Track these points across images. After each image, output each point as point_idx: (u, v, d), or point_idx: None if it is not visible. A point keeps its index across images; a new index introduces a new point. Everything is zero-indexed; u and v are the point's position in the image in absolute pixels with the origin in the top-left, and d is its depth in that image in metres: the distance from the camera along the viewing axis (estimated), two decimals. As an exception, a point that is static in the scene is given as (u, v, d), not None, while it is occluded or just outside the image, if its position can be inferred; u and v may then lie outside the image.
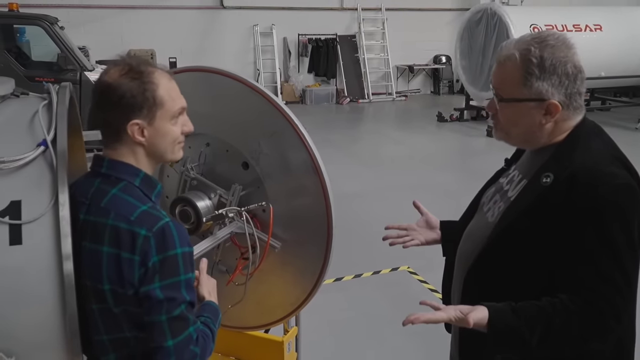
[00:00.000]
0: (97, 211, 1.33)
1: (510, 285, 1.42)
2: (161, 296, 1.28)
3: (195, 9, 11.90)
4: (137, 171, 1.39)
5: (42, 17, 7.67)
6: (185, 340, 1.31)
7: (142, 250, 1.27)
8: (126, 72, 1.35)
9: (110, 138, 1.38)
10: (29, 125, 1.40)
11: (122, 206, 1.32)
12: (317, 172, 2.08)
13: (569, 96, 1.38)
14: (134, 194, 1.35)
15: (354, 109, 12.59)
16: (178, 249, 1.30)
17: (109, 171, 1.37)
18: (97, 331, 1.36)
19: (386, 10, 13.22)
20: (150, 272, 1.28)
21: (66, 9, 10.36)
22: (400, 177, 7.09)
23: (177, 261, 1.30)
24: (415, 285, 4.22)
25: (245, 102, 2.16)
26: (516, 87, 1.40)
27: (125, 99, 1.33)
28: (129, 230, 1.29)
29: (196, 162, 2.31)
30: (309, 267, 2.24)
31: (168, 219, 1.33)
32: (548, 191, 1.37)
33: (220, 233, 2.15)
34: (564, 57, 1.36)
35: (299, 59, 12.99)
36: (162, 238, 1.29)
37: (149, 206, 1.34)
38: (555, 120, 1.41)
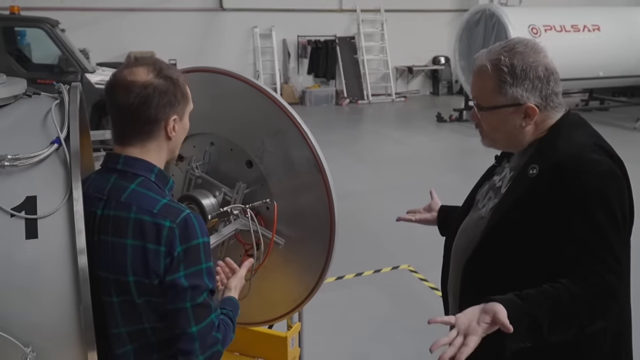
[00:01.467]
0: (117, 206, 1.38)
1: (508, 277, 1.46)
2: (186, 284, 1.33)
3: (195, 11, 11.96)
4: (152, 167, 1.44)
5: (44, 19, 7.73)
6: (208, 326, 1.37)
7: (168, 241, 1.33)
8: (159, 72, 1.41)
9: (139, 136, 1.43)
10: (42, 124, 1.44)
11: (144, 200, 1.37)
12: (320, 170, 2.12)
13: (545, 97, 1.44)
14: (153, 189, 1.41)
15: (353, 110, 12.65)
16: (200, 238, 1.37)
17: (126, 167, 1.42)
18: (115, 324, 1.40)
19: (385, 12, 13.29)
20: (176, 261, 1.33)
21: (67, 11, 10.41)
22: (400, 176, 7.14)
23: (199, 250, 1.36)
24: (415, 283, 4.27)
25: (248, 101, 2.20)
26: (493, 96, 1.46)
27: (167, 97, 1.40)
28: (154, 222, 1.34)
29: (201, 160, 2.35)
30: (312, 264, 2.28)
31: (189, 211, 1.39)
32: (535, 182, 1.42)
33: (225, 230, 2.19)
34: (534, 62, 1.42)
35: (299, 61, 13.06)
36: (185, 229, 1.35)
37: (168, 199, 1.40)
38: (535, 122, 1.47)
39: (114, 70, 1.54)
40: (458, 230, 1.71)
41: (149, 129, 1.42)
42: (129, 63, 1.44)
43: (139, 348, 1.42)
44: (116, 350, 1.42)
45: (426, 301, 3.99)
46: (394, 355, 3.37)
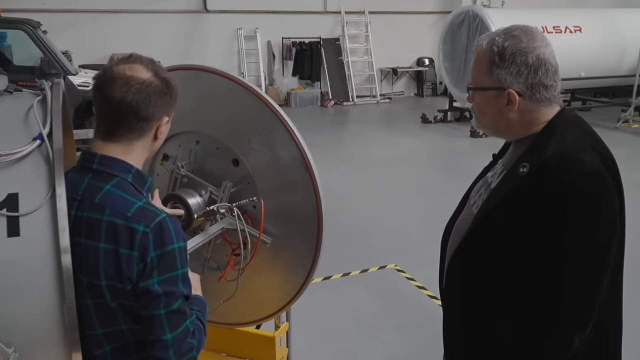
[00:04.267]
0: (91, 207, 1.34)
1: (491, 275, 1.45)
2: (160, 290, 1.30)
3: (179, 13, 11.89)
4: (130, 167, 1.40)
5: (25, 21, 7.63)
6: (183, 332, 1.34)
7: (141, 246, 1.29)
8: (157, 72, 1.40)
9: (128, 134, 1.39)
10: (23, 120, 1.41)
11: (118, 202, 1.33)
12: (306, 167, 2.11)
13: (530, 87, 1.41)
14: (128, 190, 1.37)
15: (338, 111, 12.66)
16: (175, 243, 1.33)
17: (101, 167, 1.38)
18: (91, 326, 1.37)
19: (369, 14, 13.31)
20: (149, 267, 1.30)
21: (49, 13, 10.29)
22: (386, 177, 7.15)
23: (174, 256, 1.33)
24: (402, 282, 4.27)
25: (234, 99, 2.18)
26: (482, 76, 1.45)
27: (165, 97, 1.39)
28: (127, 226, 1.30)
29: (186, 159, 2.33)
30: (300, 262, 2.27)
31: (164, 215, 1.35)
32: (523, 181, 1.39)
33: (211, 229, 2.17)
34: (526, 48, 1.39)
35: (283, 63, 13.04)
36: (160, 233, 1.31)
37: (144, 202, 1.36)
38: (520, 111, 1.43)
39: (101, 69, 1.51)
40: (453, 228, 1.70)
41: (141, 127, 1.39)
42: (124, 58, 1.41)
43: (116, 349, 1.40)
44: (94, 351, 1.40)
45: (413, 300, 3.99)
46: (382, 354, 3.36)
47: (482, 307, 1.49)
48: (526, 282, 1.38)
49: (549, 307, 1.35)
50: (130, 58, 1.42)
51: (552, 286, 1.34)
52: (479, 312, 1.50)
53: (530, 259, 1.36)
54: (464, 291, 1.51)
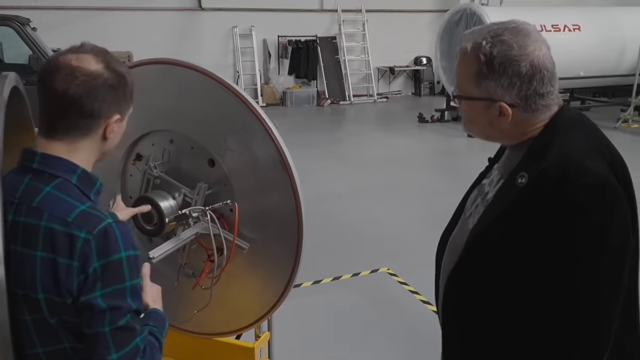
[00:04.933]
0: (28, 211, 1.20)
1: (492, 301, 1.30)
2: (103, 305, 1.16)
3: (173, 11, 11.74)
4: (74, 167, 1.25)
5: (12, 17, 7.50)
6: (132, 352, 1.20)
7: (82, 255, 1.15)
8: (109, 64, 1.25)
9: (73, 131, 1.25)
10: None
11: (58, 206, 1.19)
12: (285, 167, 1.97)
13: (524, 98, 1.25)
14: (71, 193, 1.22)
15: (335, 110, 12.52)
16: (122, 252, 1.18)
17: (42, 167, 1.24)
18: (31, 344, 1.23)
19: (366, 12, 13.17)
20: (91, 279, 1.16)
21: (40, 10, 10.14)
22: (383, 177, 7.01)
23: (121, 266, 1.18)
24: (395, 287, 4.13)
25: (209, 96, 2.05)
26: (468, 84, 1.30)
27: (115, 93, 1.25)
28: (66, 232, 1.16)
29: (159, 160, 2.20)
30: (280, 269, 2.13)
31: (110, 220, 1.21)
32: (522, 193, 1.24)
33: (184, 234, 2.04)
34: (517, 56, 1.22)
35: (279, 61, 12.88)
36: (104, 241, 1.17)
37: (89, 206, 1.22)
38: (514, 122, 1.28)
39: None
40: (448, 241, 1.54)
41: (86, 124, 1.25)
42: (74, 48, 1.27)
43: None
44: None
45: (406, 305, 3.86)
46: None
47: (484, 336, 1.34)
48: (532, 308, 1.22)
49: (566, 334, 1.18)
50: (81, 47, 1.28)
51: (566, 310, 1.17)
52: (481, 343, 1.35)
53: (535, 280, 1.21)
54: (462, 318, 1.37)
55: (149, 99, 2.16)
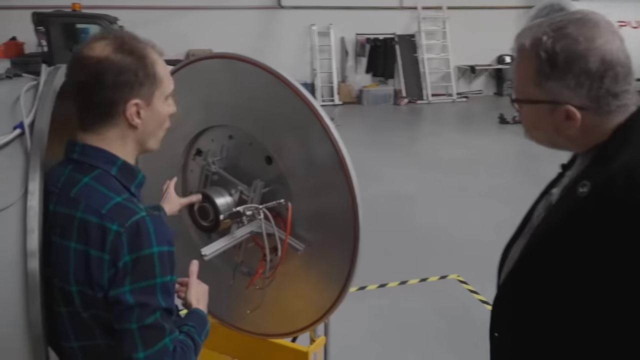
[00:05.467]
0: (66, 202, 1.19)
1: (545, 310, 1.16)
2: (132, 301, 1.13)
3: (253, 9, 11.93)
4: (114, 158, 1.24)
5: (101, 16, 7.85)
6: (160, 352, 1.15)
7: (113, 248, 1.12)
8: (119, 46, 1.20)
9: (97, 121, 1.23)
10: (12, 108, 1.29)
11: (94, 197, 1.17)
12: (343, 168, 1.88)
13: (596, 99, 1.08)
14: (109, 184, 1.20)
15: (412, 110, 12.27)
16: (154, 247, 1.15)
17: (82, 157, 1.23)
18: (66, 337, 1.22)
19: (448, 9, 12.81)
20: (121, 273, 1.12)
21: (129, 10, 10.59)
22: (458, 179, 6.76)
23: (152, 261, 1.14)
24: (464, 295, 3.94)
25: (269, 91, 1.99)
26: (528, 85, 1.14)
27: (124, 76, 1.19)
28: (99, 224, 1.14)
29: (218, 156, 2.17)
30: (336, 273, 2.04)
31: (144, 213, 1.17)
32: (583, 204, 1.08)
33: (238, 232, 1.99)
34: (585, 51, 1.06)
35: (357, 59, 12.78)
36: (136, 234, 1.14)
37: (124, 198, 1.19)
38: (583, 127, 1.11)
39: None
40: (511, 251, 1.40)
41: (104, 113, 1.22)
42: (94, 37, 1.25)
43: None
44: None
45: (475, 315, 3.65)
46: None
47: (537, 350, 1.20)
48: (593, 322, 1.08)
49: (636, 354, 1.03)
50: (101, 35, 1.25)
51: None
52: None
53: (595, 295, 1.06)
54: (513, 336, 1.23)
55: (210, 94, 2.15)
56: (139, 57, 1.21)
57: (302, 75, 12.28)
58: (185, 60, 2.20)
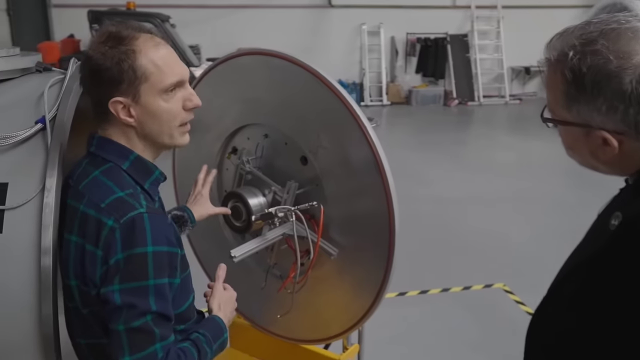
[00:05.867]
0: (75, 195, 1.16)
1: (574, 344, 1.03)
2: (119, 301, 1.07)
3: (303, 8, 11.92)
4: (128, 152, 1.20)
5: (154, 14, 8.00)
6: (147, 358, 1.09)
7: (106, 244, 1.08)
8: (104, 40, 1.16)
9: (99, 118, 1.20)
10: (37, 102, 1.27)
11: (97, 191, 1.14)
12: (379, 172, 1.79)
13: (634, 124, 0.92)
14: (117, 178, 1.16)
15: (462, 111, 11.98)
16: (149, 246, 1.09)
17: (97, 150, 1.20)
18: (76, 333, 1.20)
19: (502, 8, 12.44)
20: (112, 271, 1.08)
21: (181, 9, 10.76)
22: (508, 184, 6.53)
23: (145, 261, 1.08)
24: (510, 306, 3.76)
25: (306, 89, 1.92)
26: (557, 105, 1.00)
27: (101, 73, 1.14)
28: (96, 218, 1.10)
29: (253, 154, 2.12)
30: (370, 279, 1.96)
31: (143, 210, 1.11)
32: (611, 239, 0.95)
33: (269, 234, 1.94)
34: (619, 70, 0.89)
35: (407, 59, 12.58)
36: (130, 231, 1.08)
37: (127, 193, 1.14)
38: (623, 152, 0.96)
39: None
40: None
41: (100, 111, 1.18)
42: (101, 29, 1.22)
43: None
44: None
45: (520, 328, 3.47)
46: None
47: None
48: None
49: None
50: (100, 31, 1.22)
51: None
52: None
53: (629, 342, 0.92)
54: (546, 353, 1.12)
55: (246, 91, 2.10)
56: (121, 52, 1.15)
57: (350, 75, 12.19)
58: (221, 57, 2.16)
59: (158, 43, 1.20)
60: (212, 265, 2.43)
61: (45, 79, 1.35)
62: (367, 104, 12.09)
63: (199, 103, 1.26)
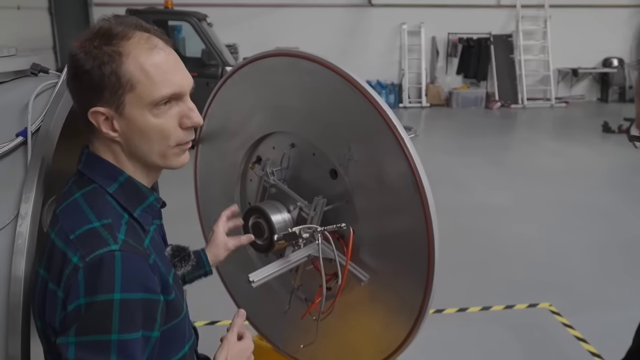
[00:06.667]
0: (53, 219, 1.00)
1: None
2: (71, 356, 0.89)
3: (342, 7, 11.73)
4: (117, 173, 1.02)
5: (191, 13, 7.93)
6: None
7: (67, 285, 0.90)
8: (92, 37, 0.98)
9: (84, 129, 1.03)
10: (24, 110, 1.11)
11: (71, 217, 0.96)
12: (417, 188, 1.58)
13: None
14: (97, 204, 0.98)
15: (504, 114, 11.57)
16: (116, 293, 0.89)
17: (84, 168, 1.02)
18: None
19: (550, 7, 11.96)
20: (70, 318, 0.90)
21: (220, 7, 10.71)
22: (553, 192, 6.18)
23: (109, 311, 0.89)
24: (557, 328, 3.48)
25: (336, 94, 1.72)
26: None
27: (81, 75, 0.97)
28: (62, 252, 0.93)
29: (278, 165, 1.94)
30: (406, 306, 1.74)
31: (115, 247, 0.92)
32: None
33: (292, 256, 1.75)
34: None
35: (447, 60, 12.24)
36: (96, 273, 0.90)
37: (104, 224, 0.95)
38: None
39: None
40: None
41: (84, 121, 1.01)
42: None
43: None
44: None
45: (568, 354, 3.21)
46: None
47: None
48: None
49: None
50: (91, 26, 1.04)
51: None
52: None
53: None
54: None
55: (272, 96, 1.91)
56: (104, 53, 0.97)
57: (389, 76, 11.94)
58: (247, 59, 1.98)
59: (154, 46, 1.02)
60: (237, 288, 2.27)
61: (38, 83, 1.19)
62: (405, 105, 11.82)
63: (199, 121, 1.08)
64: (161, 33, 1.07)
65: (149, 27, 1.06)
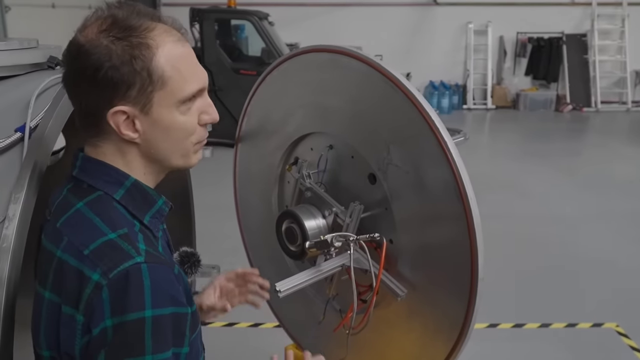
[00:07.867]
0: (52, 234, 0.90)
1: None
2: None
3: (406, 6, 11.49)
4: (122, 178, 0.92)
5: (252, 12, 7.95)
6: None
7: (89, 307, 0.81)
8: (107, 28, 0.87)
9: (87, 131, 0.92)
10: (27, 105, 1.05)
11: (80, 230, 0.87)
12: (461, 198, 1.43)
13: None
14: (107, 214, 0.89)
15: (576, 118, 10.99)
16: (147, 310, 0.80)
17: (82, 174, 0.92)
18: None
19: (628, 5, 11.26)
20: (96, 343, 0.80)
21: (281, 6, 10.73)
22: (627, 204, 5.74)
23: (141, 330, 0.80)
24: (624, 352, 3.19)
25: (376, 94, 1.60)
26: None
27: (101, 73, 0.85)
28: (77, 270, 0.83)
29: (315, 168, 1.83)
30: (446, 324, 1.60)
31: (141, 258, 0.83)
32: None
33: (324, 266, 1.64)
34: None
35: (516, 60, 11.75)
36: (122, 290, 0.80)
37: (120, 234, 0.86)
38: None
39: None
40: None
41: (92, 122, 0.90)
42: (96, 12, 0.93)
43: None
44: None
45: (636, 381, 2.94)
46: None
47: None
48: None
49: None
50: (96, 14, 0.93)
51: None
52: None
53: None
54: None
55: (311, 94, 1.82)
56: (130, 45, 0.87)
57: (453, 77, 11.60)
58: (286, 54, 1.89)
59: (178, 38, 0.94)
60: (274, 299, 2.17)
61: (54, 75, 1.13)
62: (469, 107, 11.45)
63: (217, 117, 0.98)
64: (174, 21, 0.98)
65: (165, 18, 0.97)
